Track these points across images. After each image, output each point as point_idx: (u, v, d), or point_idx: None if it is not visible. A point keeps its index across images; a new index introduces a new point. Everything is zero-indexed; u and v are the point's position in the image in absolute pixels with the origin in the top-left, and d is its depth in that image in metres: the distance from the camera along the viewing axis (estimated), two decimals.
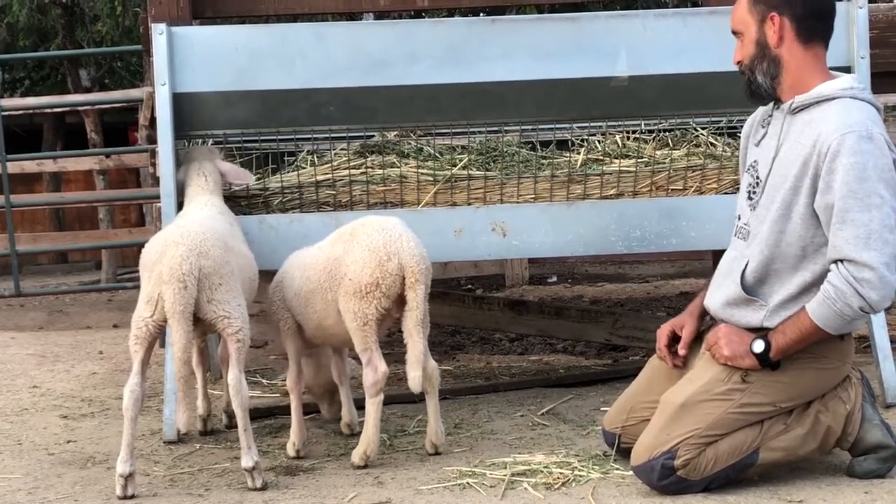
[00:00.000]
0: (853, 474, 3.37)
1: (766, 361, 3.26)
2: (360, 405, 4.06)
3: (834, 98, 3.30)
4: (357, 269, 3.73)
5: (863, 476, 3.34)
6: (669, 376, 3.58)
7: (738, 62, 3.46)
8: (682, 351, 3.61)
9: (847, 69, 4.43)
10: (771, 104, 3.48)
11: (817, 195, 3.22)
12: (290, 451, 3.99)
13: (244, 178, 4.53)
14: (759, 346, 3.26)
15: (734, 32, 3.47)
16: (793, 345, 3.23)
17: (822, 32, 3.41)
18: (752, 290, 3.36)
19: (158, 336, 3.66)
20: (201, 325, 3.69)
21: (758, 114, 3.58)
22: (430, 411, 3.92)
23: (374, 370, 3.73)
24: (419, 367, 3.69)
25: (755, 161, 3.47)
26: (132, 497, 3.53)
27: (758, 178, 3.43)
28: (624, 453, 3.58)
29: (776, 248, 3.32)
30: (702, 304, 3.64)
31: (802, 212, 3.26)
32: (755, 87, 3.43)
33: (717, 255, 5.83)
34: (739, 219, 3.50)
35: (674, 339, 3.66)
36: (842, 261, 3.15)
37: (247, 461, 3.55)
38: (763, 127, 3.49)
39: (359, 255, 3.74)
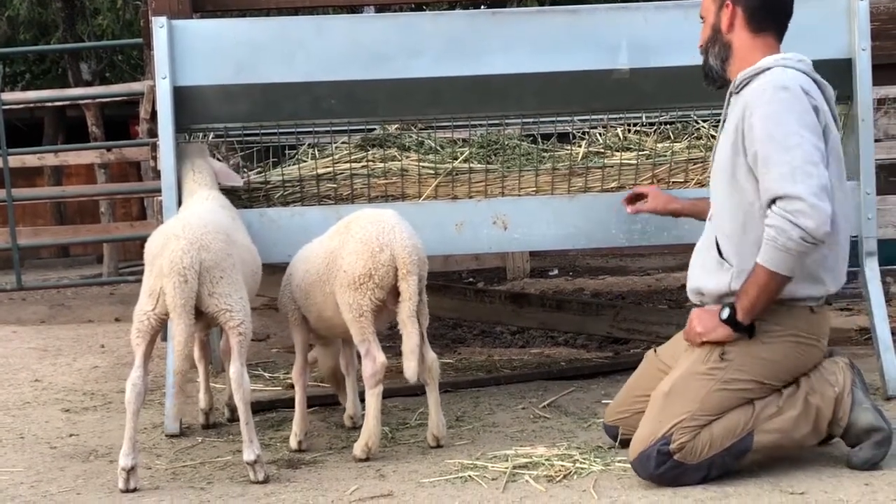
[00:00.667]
0: (852, 466, 3.37)
1: (737, 326, 3.32)
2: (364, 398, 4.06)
3: (769, 69, 3.43)
4: (351, 261, 3.75)
5: (861, 466, 3.35)
6: (664, 369, 3.62)
7: (700, 46, 3.69)
8: (629, 207, 4.32)
9: (848, 61, 4.43)
10: None
11: (747, 152, 3.34)
12: (293, 443, 4.00)
13: (233, 180, 4.55)
14: (725, 312, 3.34)
15: (701, 17, 3.70)
16: (755, 301, 3.28)
17: (775, 25, 3.56)
18: (721, 254, 3.47)
19: (160, 329, 3.66)
20: (203, 319, 3.69)
21: None
22: (430, 404, 3.92)
23: (373, 361, 3.74)
24: (414, 358, 3.71)
25: None
26: (134, 490, 3.53)
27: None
28: (625, 444, 3.60)
29: (733, 212, 3.42)
30: (684, 202, 4.17)
31: (744, 171, 3.37)
32: (707, 68, 3.66)
33: None
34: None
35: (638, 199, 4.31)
36: (774, 200, 3.22)
37: (249, 454, 3.55)
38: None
39: (352, 248, 3.77)
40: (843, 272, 3.46)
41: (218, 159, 4.75)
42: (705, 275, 3.51)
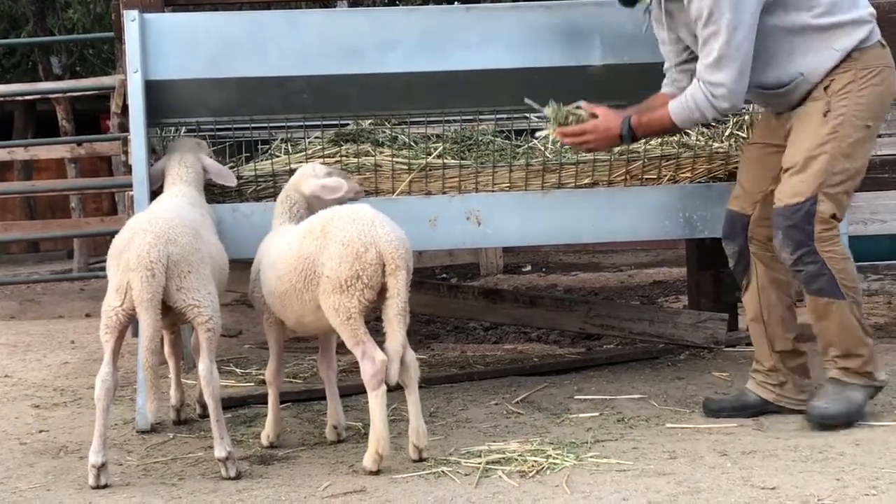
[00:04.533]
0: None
1: (631, 139, 4.06)
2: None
3: None
4: (334, 266, 3.55)
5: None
6: (770, 149, 4.01)
7: None
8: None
9: None
10: None
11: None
12: (264, 442, 3.97)
13: (226, 179, 4.45)
14: (625, 127, 4.01)
15: None
16: (648, 129, 4.03)
17: None
18: None
19: (129, 325, 3.62)
20: (172, 315, 3.65)
21: None
22: (410, 409, 3.70)
23: (372, 361, 3.55)
24: (398, 359, 3.55)
25: None
26: (105, 487, 3.51)
27: None
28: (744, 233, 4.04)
29: None
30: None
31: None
32: None
33: (691, 243, 5.88)
34: None
35: None
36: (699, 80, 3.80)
37: (220, 451, 3.53)
38: None
39: (334, 251, 3.57)
40: None
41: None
42: None
